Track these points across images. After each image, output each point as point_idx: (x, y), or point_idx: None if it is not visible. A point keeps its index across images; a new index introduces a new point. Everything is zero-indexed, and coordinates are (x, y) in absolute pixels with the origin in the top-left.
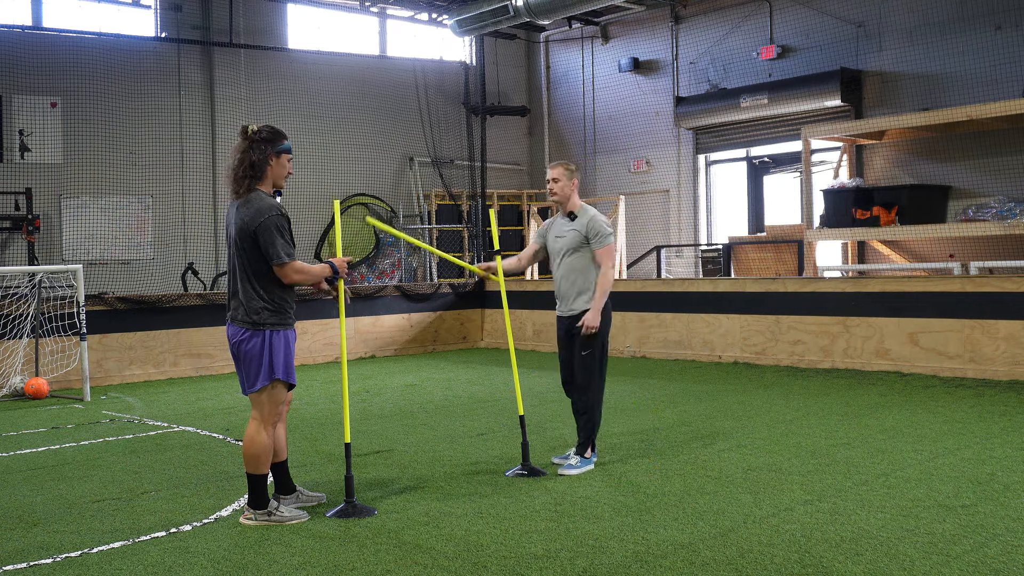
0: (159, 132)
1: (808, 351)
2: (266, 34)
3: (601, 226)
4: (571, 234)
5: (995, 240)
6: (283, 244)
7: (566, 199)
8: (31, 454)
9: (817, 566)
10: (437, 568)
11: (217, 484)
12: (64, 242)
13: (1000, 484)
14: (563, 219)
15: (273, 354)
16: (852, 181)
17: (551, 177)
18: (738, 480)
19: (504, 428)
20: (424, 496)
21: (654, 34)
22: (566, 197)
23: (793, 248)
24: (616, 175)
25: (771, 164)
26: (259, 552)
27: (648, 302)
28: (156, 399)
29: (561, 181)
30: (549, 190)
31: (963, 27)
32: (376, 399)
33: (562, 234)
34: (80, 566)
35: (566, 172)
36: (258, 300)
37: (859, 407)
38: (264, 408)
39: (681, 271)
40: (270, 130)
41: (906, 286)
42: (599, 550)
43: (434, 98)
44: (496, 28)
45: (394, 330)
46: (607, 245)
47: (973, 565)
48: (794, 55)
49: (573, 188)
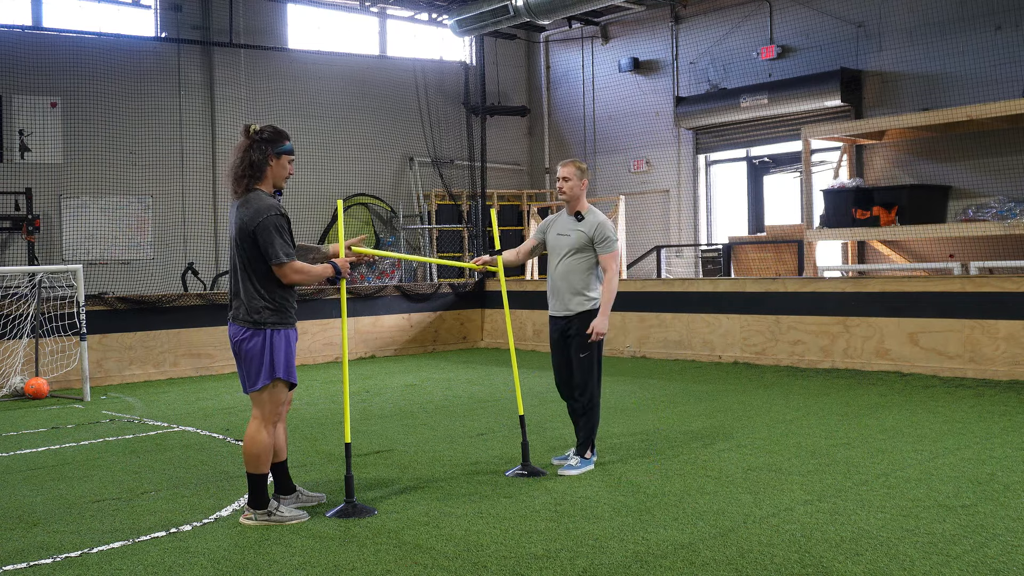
0: (159, 132)
1: (808, 351)
2: (266, 34)
3: (609, 231)
4: (576, 234)
5: (995, 240)
6: (282, 244)
7: (575, 199)
8: (31, 454)
9: (817, 566)
10: (437, 568)
11: (217, 484)
12: (64, 242)
13: (1000, 484)
14: (568, 218)
15: (274, 353)
16: (852, 181)
17: (562, 175)
18: (738, 480)
19: (504, 428)
20: (424, 496)
21: (654, 34)
22: (575, 196)
23: (793, 248)
24: (616, 175)
25: (771, 164)
26: (259, 552)
27: (648, 302)
28: (156, 399)
29: (572, 180)
30: (559, 188)
31: (963, 27)
32: (376, 399)
33: (566, 232)
34: (80, 566)
35: (577, 171)
36: (259, 299)
37: (859, 407)
38: (265, 407)
39: (681, 271)
40: (272, 130)
41: (906, 286)
42: (599, 550)
43: (434, 98)
44: (496, 28)
45: (394, 330)
46: (613, 251)
47: (973, 565)
48: (794, 55)
49: (583, 188)
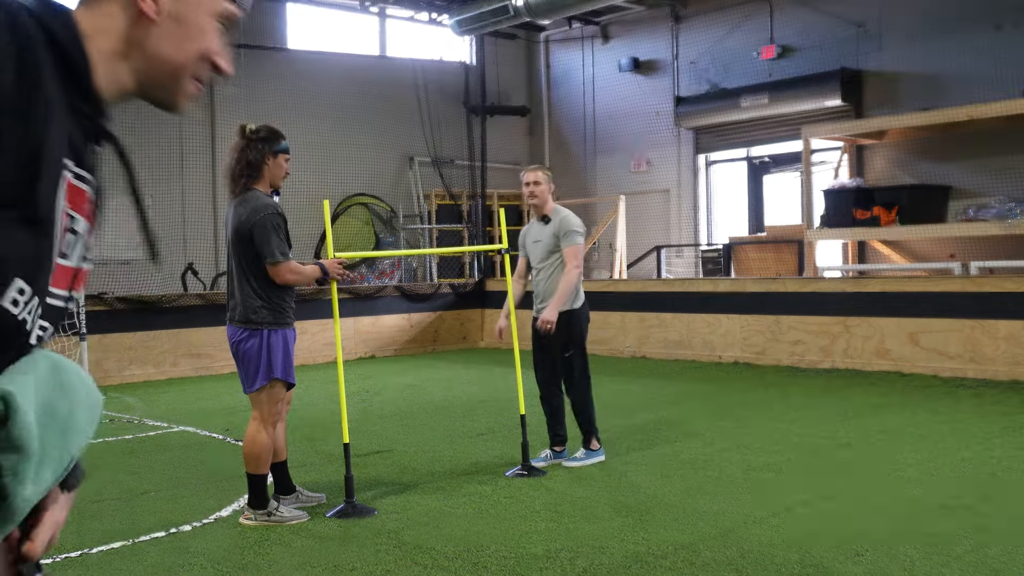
0: (159, 132)
1: (808, 351)
2: (266, 34)
3: (571, 224)
4: (547, 237)
5: (995, 240)
6: (277, 243)
7: (544, 203)
8: None
9: (817, 566)
10: (437, 568)
11: (217, 484)
12: None
13: (1000, 484)
14: (538, 224)
15: (271, 353)
16: (852, 181)
17: (532, 180)
18: (738, 480)
19: (504, 428)
20: (424, 496)
21: (654, 34)
22: (544, 201)
23: (793, 248)
24: (616, 175)
25: (771, 164)
26: (259, 552)
27: (648, 302)
28: (156, 399)
29: (542, 184)
30: (529, 192)
31: (963, 27)
32: (376, 399)
33: (539, 238)
34: (80, 566)
35: (546, 176)
36: (255, 299)
37: (859, 407)
38: (263, 407)
39: (681, 271)
40: (268, 130)
41: (906, 286)
42: (599, 550)
43: (434, 98)
44: (496, 28)
45: (394, 330)
46: (574, 244)
47: (973, 565)
48: (794, 55)
49: (550, 192)
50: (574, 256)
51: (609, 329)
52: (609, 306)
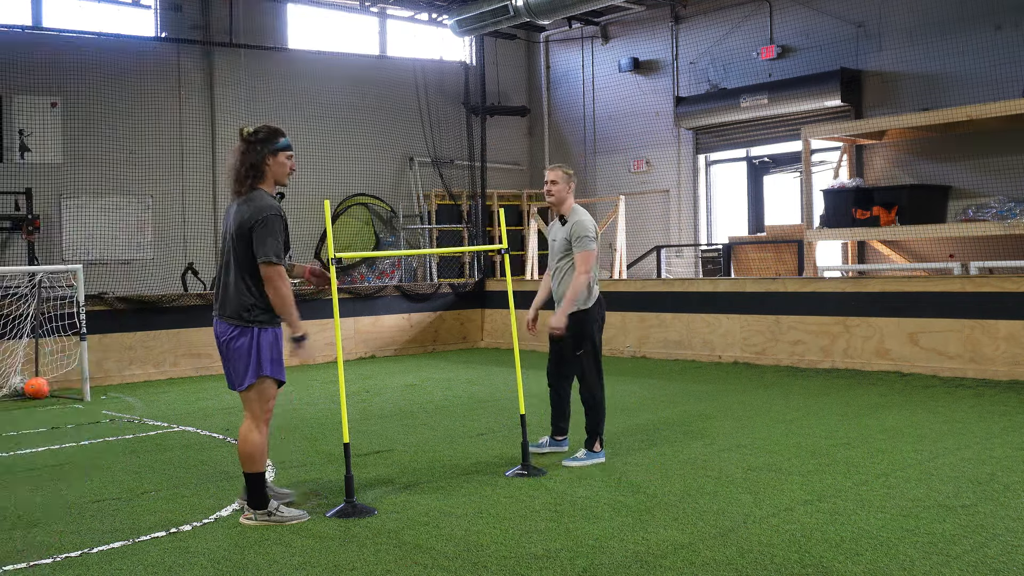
0: (159, 132)
1: (808, 351)
2: (266, 34)
3: (584, 229)
4: (561, 238)
5: (995, 240)
6: (273, 243)
7: (561, 202)
8: (31, 454)
9: (817, 566)
10: (437, 568)
11: (217, 484)
12: (64, 242)
13: (1000, 484)
14: (557, 223)
15: (261, 351)
16: (852, 181)
17: (550, 179)
18: (738, 480)
19: (504, 428)
20: (424, 496)
21: (654, 34)
22: (562, 200)
23: (793, 248)
24: (616, 175)
25: (771, 164)
26: (259, 552)
27: (648, 302)
28: (156, 399)
29: (560, 184)
30: (547, 191)
31: (963, 27)
32: (376, 399)
33: (555, 238)
34: (80, 566)
35: (564, 176)
36: (250, 297)
37: (859, 407)
38: (254, 405)
39: (681, 271)
40: (267, 130)
41: (906, 286)
42: (599, 550)
43: (434, 98)
44: (496, 28)
45: (394, 330)
46: (585, 250)
47: (973, 565)
48: (794, 55)
49: (569, 192)
50: (583, 262)
51: (609, 329)
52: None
